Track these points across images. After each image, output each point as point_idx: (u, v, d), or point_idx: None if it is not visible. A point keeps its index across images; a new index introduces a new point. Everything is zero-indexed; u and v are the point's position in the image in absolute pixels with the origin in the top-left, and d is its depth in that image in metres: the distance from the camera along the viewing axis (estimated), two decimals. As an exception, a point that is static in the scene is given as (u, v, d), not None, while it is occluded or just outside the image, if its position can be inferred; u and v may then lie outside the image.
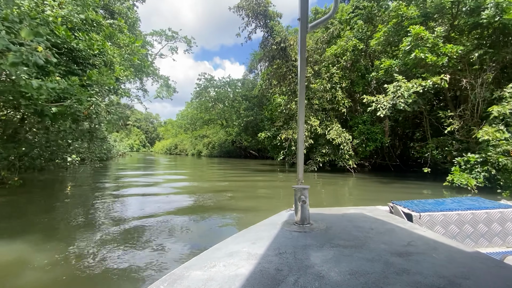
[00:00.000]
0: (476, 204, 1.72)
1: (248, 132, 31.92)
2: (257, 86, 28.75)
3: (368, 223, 1.31)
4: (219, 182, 12.12)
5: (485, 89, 8.97)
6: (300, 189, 1.25)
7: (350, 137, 12.84)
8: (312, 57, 12.96)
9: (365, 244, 0.99)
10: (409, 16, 10.93)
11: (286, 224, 1.27)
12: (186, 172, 18.26)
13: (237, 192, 9.27)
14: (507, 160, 7.06)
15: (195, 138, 53.21)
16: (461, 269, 0.79)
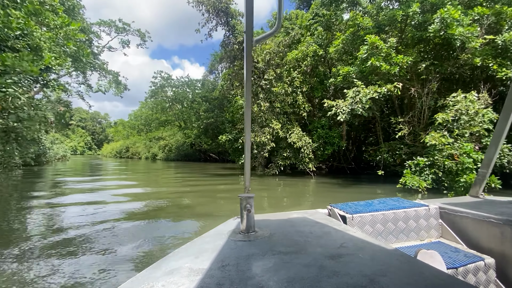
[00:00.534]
0: (397, 204, 1.90)
1: (208, 134, 30.82)
2: (218, 88, 27.97)
3: (308, 227, 1.36)
4: (175, 188, 11.14)
5: (430, 98, 9.78)
6: (245, 198, 1.25)
7: (310, 140, 13.00)
8: (274, 60, 12.86)
9: (304, 249, 1.04)
10: (365, 26, 11.52)
11: (232, 234, 1.26)
12: (138, 177, 16.61)
13: (194, 198, 8.53)
14: (451, 163, 7.68)
15: (149, 140, 49.76)
16: (381, 267, 0.86)
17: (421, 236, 1.82)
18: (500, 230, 1.50)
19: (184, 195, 9.31)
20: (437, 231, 1.86)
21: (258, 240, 1.16)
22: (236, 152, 19.34)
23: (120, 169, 24.37)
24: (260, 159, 14.06)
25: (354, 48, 13.42)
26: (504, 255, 1.47)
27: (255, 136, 12.57)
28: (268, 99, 12.79)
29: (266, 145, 12.77)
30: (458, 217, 1.76)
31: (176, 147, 39.02)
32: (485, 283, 1.45)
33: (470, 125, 8.07)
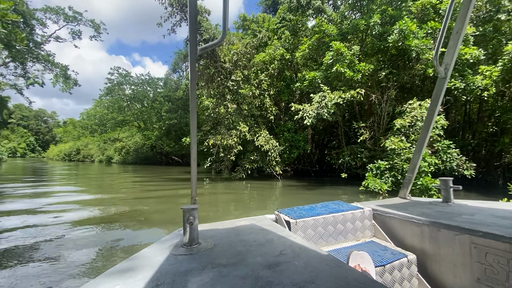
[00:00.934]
0: (336, 208, 1.99)
1: (170, 136, 29.25)
2: (182, 87, 26.74)
3: (253, 235, 1.35)
4: (132, 193, 10.12)
5: (388, 104, 10.36)
6: (188, 210, 1.19)
7: (277, 144, 12.92)
8: (241, 61, 12.56)
9: (244, 259, 1.04)
10: (329, 33, 11.85)
11: (173, 248, 1.21)
12: (90, 182, 14.91)
13: (153, 204, 7.78)
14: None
15: (104, 142, 45.76)
16: (311, 274, 0.89)
17: (357, 236, 1.92)
18: (420, 229, 1.64)
19: (142, 202, 8.45)
20: (370, 231, 1.97)
21: (200, 253, 1.13)
22: (201, 155, 18.54)
23: (69, 174, 21.76)
24: (227, 162, 13.59)
25: (319, 54, 13.79)
26: (424, 251, 1.62)
27: (221, 138, 12.07)
28: (235, 101, 12.42)
29: (233, 148, 12.36)
30: (388, 218, 1.89)
31: (135, 149, 36.38)
32: (408, 278, 1.57)
33: (424, 131, 8.66)
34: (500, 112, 10.39)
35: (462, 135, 12.89)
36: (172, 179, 16.34)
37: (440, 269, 1.53)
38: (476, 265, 1.33)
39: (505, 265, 1.21)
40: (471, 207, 1.88)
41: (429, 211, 1.80)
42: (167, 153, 33.34)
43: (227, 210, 7.32)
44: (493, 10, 10.26)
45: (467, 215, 1.65)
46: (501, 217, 1.54)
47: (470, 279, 1.36)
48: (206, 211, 7.11)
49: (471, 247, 1.35)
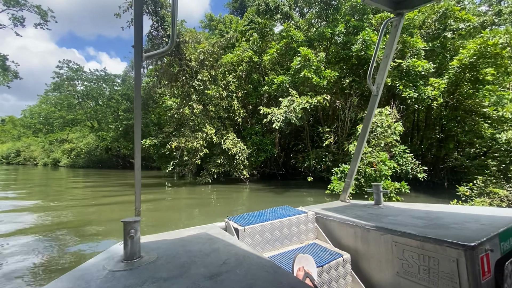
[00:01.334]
0: (283, 213, 2.05)
1: (128, 137, 27.18)
2: (142, 87, 25.09)
3: (200, 244, 1.33)
4: (84, 201, 8.96)
5: (351, 111, 10.80)
6: (130, 223, 1.11)
7: (245, 147, 12.66)
8: (208, 60, 12.08)
9: (187, 271, 1.02)
10: (297, 39, 12.03)
11: (112, 263, 1.11)
12: (32, 188, 12.95)
13: (106, 213, 6.94)
14: (371, 170, 8.49)
15: (50, 143, 40.90)
16: (250, 281, 0.91)
17: (301, 239, 1.99)
18: (354, 230, 1.74)
19: (92, 211, 7.49)
20: (313, 234, 2.06)
21: (141, 268, 1.08)
22: (163, 158, 17.45)
23: (6, 178, 18.78)
24: (191, 166, 12.91)
25: (287, 59, 13.95)
26: (356, 250, 1.73)
27: (186, 141, 11.41)
28: (201, 102, 11.87)
29: (199, 151, 11.77)
30: (328, 221, 1.98)
31: (87, 151, 33.08)
32: (343, 275, 1.68)
33: (384, 136, 9.16)
34: (445, 120, 11.53)
35: (411, 140, 14.07)
36: (129, 184, 15.04)
37: (370, 265, 1.65)
38: (396, 261, 1.47)
39: (417, 259, 1.35)
40: (396, 209, 2.04)
41: (362, 213, 1.93)
42: (124, 155, 30.94)
43: (190, 217, 6.82)
44: (441, 28, 11.39)
45: (391, 216, 1.80)
46: (416, 218, 1.70)
47: (391, 273, 1.50)
48: (166, 220, 6.51)
49: (392, 245, 1.49)
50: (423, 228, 1.46)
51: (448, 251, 1.22)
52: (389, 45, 2.03)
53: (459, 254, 1.18)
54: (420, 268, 1.34)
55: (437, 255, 1.27)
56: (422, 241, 1.33)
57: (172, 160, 16.23)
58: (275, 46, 12.47)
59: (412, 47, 10.52)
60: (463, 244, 1.17)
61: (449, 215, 1.72)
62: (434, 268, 1.28)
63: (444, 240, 1.24)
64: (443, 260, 1.24)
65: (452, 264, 1.20)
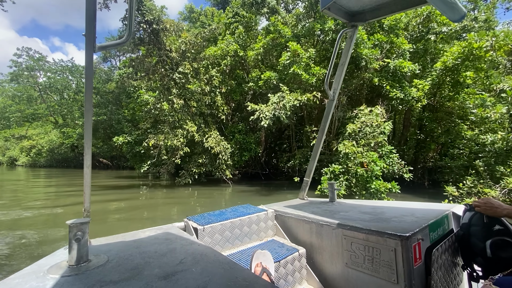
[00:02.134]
0: (244, 211, 2.07)
1: (98, 135, 25.08)
2: (115, 79, 23.22)
3: (156, 245, 1.29)
4: (44, 206, 7.74)
5: (340, 110, 10.59)
6: (76, 225, 1.02)
7: (228, 146, 11.98)
8: (190, 52, 11.21)
9: (140, 273, 0.97)
10: (284, 34, 11.59)
11: (54, 269, 1.02)
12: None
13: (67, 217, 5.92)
14: (362, 170, 8.27)
15: (5, 139, 36.77)
16: (206, 279, 0.91)
17: (261, 236, 2.02)
18: (310, 226, 1.81)
19: (54, 218, 6.42)
20: (272, 231, 2.10)
21: (88, 272, 0.99)
22: (137, 157, 16.16)
23: None
24: (170, 166, 11.95)
25: (273, 55, 13.48)
26: (311, 245, 1.80)
27: (165, 138, 10.46)
28: (182, 96, 10.98)
29: (179, 150, 10.88)
30: (286, 218, 2.04)
31: (49, 149, 30.09)
32: (299, 269, 1.75)
33: (373, 136, 9.02)
34: (427, 121, 11.78)
35: (392, 140, 14.33)
36: (100, 186, 13.66)
37: (323, 258, 1.72)
38: (345, 253, 1.54)
39: (362, 250, 1.44)
40: (347, 205, 2.13)
41: (318, 210, 1.99)
42: (93, 154, 28.61)
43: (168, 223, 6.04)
44: (424, 31, 11.60)
45: (343, 212, 1.88)
46: (364, 213, 1.80)
47: (341, 264, 1.58)
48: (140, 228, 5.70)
49: (342, 238, 1.56)
50: (368, 222, 1.55)
51: (388, 242, 1.32)
52: (344, 53, 2.10)
53: (396, 244, 1.28)
54: (365, 258, 1.44)
55: (379, 245, 1.36)
56: (367, 234, 1.42)
57: (148, 159, 15.06)
58: (261, 41, 11.92)
59: (398, 48, 10.57)
60: (399, 235, 1.27)
61: (391, 210, 1.85)
62: (376, 258, 1.38)
63: (385, 232, 1.34)
64: (384, 250, 1.34)
65: (391, 253, 1.30)
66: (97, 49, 1.09)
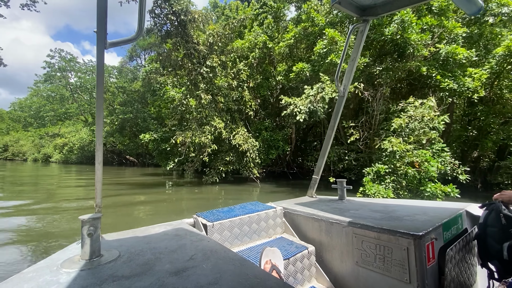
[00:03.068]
0: (253, 208, 2.06)
1: (124, 132, 25.56)
2: (141, 75, 23.39)
3: (166, 241, 1.29)
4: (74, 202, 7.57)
5: (382, 103, 9.54)
6: (88, 220, 1.04)
7: (256, 143, 11.34)
8: (217, 44, 10.67)
9: (151, 268, 0.98)
10: (317, 22, 10.70)
11: (68, 263, 1.04)
12: (22, 187, 11.46)
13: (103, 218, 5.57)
14: (414, 171, 7.26)
15: (40, 137, 38.91)
16: (216, 275, 0.91)
17: (269, 234, 2.00)
18: (319, 224, 1.80)
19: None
20: (281, 228, 2.08)
21: (100, 267, 1.00)
22: (163, 155, 16.04)
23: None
24: (196, 163, 11.55)
25: (302, 48, 12.62)
26: (321, 243, 1.80)
27: (192, 135, 10.03)
28: (209, 91, 10.49)
29: (206, 147, 10.42)
30: (295, 216, 2.03)
31: (80, 147, 31.29)
32: (308, 267, 1.74)
33: (424, 132, 7.94)
34: (482, 115, 10.37)
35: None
36: (128, 183, 13.62)
37: (332, 256, 1.71)
38: (355, 251, 1.53)
39: (374, 249, 1.43)
40: (357, 204, 2.11)
41: (327, 208, 1.98)
42: (120, 151, 29.35)
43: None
44: (480, 13, 10.17)
45: (353, 210, 1.86)
46: (375, 211, 1.78)
47: (351, 263, 1.56)
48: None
49: (353, 237, 1.55)
50: (380, 220, 1.52)
51: (400, 241, 1.30)
52: (355, 49, 2.06)
53: (409, 243, 1.26)
54: (376, 257, 1.41)
55: (391, 244, 1.34)
56: (379, 232, 1.39)
57: (173, 157, 14.86)
58: (292, 31, 11.11)
59: (449, 32, 9.30)
60: (412, 234, 1.25)
61: (403, 208, 1.82)
62: (388, 257, 1.35)
63: (397, 231, 1.32)
64: (396, 249, 1.31)
65: (403, 252, 1.28)
66: (108, 46, 1.09)
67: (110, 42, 1.10)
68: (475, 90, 9.19)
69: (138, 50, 28.11)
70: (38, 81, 30.08)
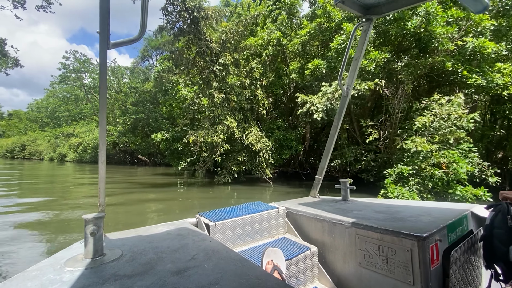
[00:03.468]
0: (255, 208, 2.04)
1: (136, 132, 25.77)
2: (154, 74, 23.47)
3: (168, 241, 1.29)
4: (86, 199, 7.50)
5: (403, 100, 9.06)
6: (92, 220, 1.04)
7: (270, 143, 11.05)
8: (230, 42, 10.45)
9: (153, 268, 0.98)
10: (333, 17, 10.30)
11: (71, 262, 1.05)
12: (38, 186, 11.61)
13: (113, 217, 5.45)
14: (441, 173, 6.79)
15: (56, 137, 39.89)
16: (218, 275, 0.90)
17: (272, 234, 1.99)
18: (322, 224, 1.79)
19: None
20: (283, 228, 2.06)
21: (103, 266, 1.01)
22: (175, 154, 15.98)
23: (7, 173, 17.58)
24: (209, 163, 11.37)
25: (315, 45, 12.23)
26: (323, 243, 1.78)
27: (205, 134, 9.85)
28: (222, 90, 10.28)
29: (219, 147, 10.21)
30: (298, 216, 2.01)
31: (94, 146, 31.84)
32: (310, 267, 1.73)
33: (450, 131, 7.44)
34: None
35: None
36: (139, 183, 13.60)
37: (335, 257, 1.69)
38: (358, 252, 1.52)
39: (377, 250, 1.41)
40: (360, 204, 2.07)
41: (330, 208, 1.96)
42: (132, 151, 29.67)
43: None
44: (508, 4, 9.52)
45: (356, 211, 1.84)
46: (378, 212, 1.76)
47: (354, 264, 1.55)
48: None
49: (356, 238, 1.53)
50: (383, 221, 1.50)
51: (403, 242, 1.28)
52: (359, 48, 2.03)
53: (412, 244, 1.24)
54: (379, 258, 1.40)
55: (394, 245, 1.32)
56: (382, 233, 1.38)
57: (185, 156, 14.76)
58: (307, 26, 10.76)
59: (475, 25, 8.72)
60: (416, 235, 1.24)
61: (406, 209, 1.79)
62: (391, 258, 1.34)
63: (400, 232, 1.30)
64: (399, 250, 1.30)
65: (407, 253, 1.27)
66: (111, 46, 1.09)
67: (113, 42, 1.10)
68: (505, 86, 8.58)
69: (150, 50, 28.35)
70: (53, 82, 30.84)
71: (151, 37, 27.54)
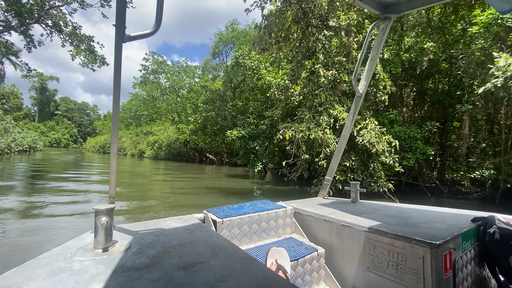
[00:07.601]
0: (263, 207, 2.00)
1: (206, 131, 25.03)
2: (228, 70, 22.09)
3: (176, 235, 1.28)
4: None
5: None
6: (102, 211, 1.04)
7: (395, 142, 7.58)
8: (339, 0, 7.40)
9: (161, 261, 0.97)
10: None
11: (80, 251, 1.05)
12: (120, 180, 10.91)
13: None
14: None
15: (136, 134, 43.46)
16: (224, 273, 0.88)
17: (279, 233, 1.95)
18: (330, 226, 1.74)
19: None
20: (290, 228, 2.02)
21: (111, 257, 1.01)
22: (249, 154, 13.77)
23: (95, 167, 18.46)
24: (301, 168, 8.55)
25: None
26: (331, 245, 1.73)
27: (306, 128, 7.04)
28: (328, 67, 7.32)
29: (323, 146, 7.27)
30: (305, 216, 1.96)
31: (167, 144, 32.90)
32: (317, 269, 1.68)
33: None
34: None
35: None
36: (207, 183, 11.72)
37: (342, 260, 1.64)
38: (367, 256, 1.46)
39: (387, 255, 1.36)
40: (371, 207, 2.00)
41: (339, 210, 1.90)
42: (202, 149, 29.38)
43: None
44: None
45: (366, 214, 1.78)
46: (389, 216, 1.68)
47: (362, 268, 1.49)
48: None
49: (365, 241, 1.48)
50: (394, 226, 1.46)
51: (415, 248, 1.24)
52: (375, 47, 1.99)
53: (425, 252, 1.20)
54: (389, 264, 1.36)
55: (405, 251, 1.28)
56: (393, 239, 1.34)
57: (261, 157, 12.35)
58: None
59: None
60: (429, 242, 1.19)
61: (419, 215, 1.73)
62: (401, 264, 1.30)
63: (412, 238, 1.26)
64: (410, 257, 1.26)
65: (419, 260, 1.22)
66: (126, 39, 1.09)
67: (128, 35, 1.10)
68: None
69: (221, 46, 27.55)
70: (135, 84, 33.09)
71: (222, 33, 26.67)
